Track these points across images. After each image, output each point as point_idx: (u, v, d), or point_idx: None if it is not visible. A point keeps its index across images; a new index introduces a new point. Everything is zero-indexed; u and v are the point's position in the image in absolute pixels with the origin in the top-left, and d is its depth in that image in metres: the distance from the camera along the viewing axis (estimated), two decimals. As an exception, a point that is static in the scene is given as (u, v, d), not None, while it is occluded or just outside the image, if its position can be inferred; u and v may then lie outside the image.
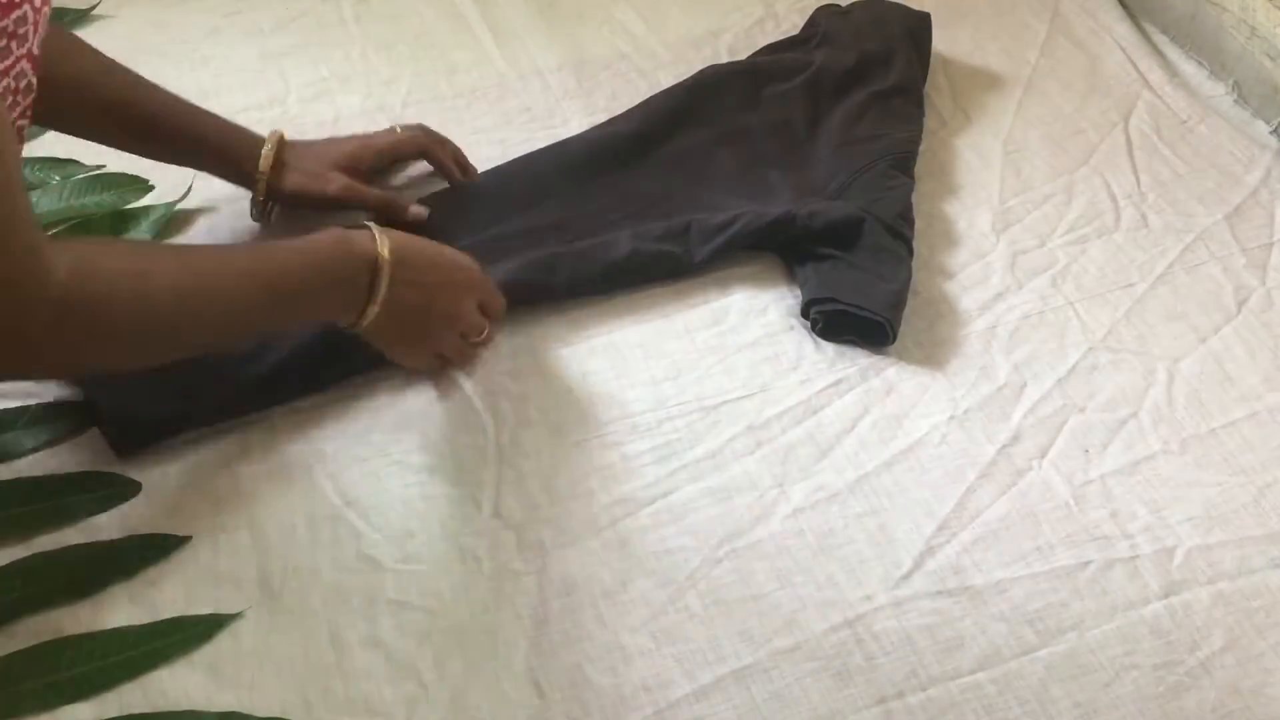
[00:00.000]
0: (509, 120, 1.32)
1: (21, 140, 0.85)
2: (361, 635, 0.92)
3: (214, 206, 1.23)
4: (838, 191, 1.21)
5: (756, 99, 1.31)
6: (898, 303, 1.11)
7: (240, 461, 1.02)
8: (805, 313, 1.12)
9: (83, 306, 0.81)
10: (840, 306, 1.09)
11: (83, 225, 1.19)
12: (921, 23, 1.38)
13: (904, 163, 1.25)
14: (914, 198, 1.22)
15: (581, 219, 1.20)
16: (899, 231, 1.17)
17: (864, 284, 1.11)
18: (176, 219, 1.21)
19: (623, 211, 1.20)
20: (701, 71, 1.34)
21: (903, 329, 1.11)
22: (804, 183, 1.23)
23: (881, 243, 1.15)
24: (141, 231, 1.19)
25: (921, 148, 1.29)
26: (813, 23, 1.41)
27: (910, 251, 1.16)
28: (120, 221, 1.20)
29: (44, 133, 1.29)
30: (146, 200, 1.22)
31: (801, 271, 1.15)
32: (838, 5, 1.42)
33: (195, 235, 1.20)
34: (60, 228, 1.19)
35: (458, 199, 1.22)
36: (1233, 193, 1.25)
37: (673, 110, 1.29)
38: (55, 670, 0.89)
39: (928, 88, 1.36)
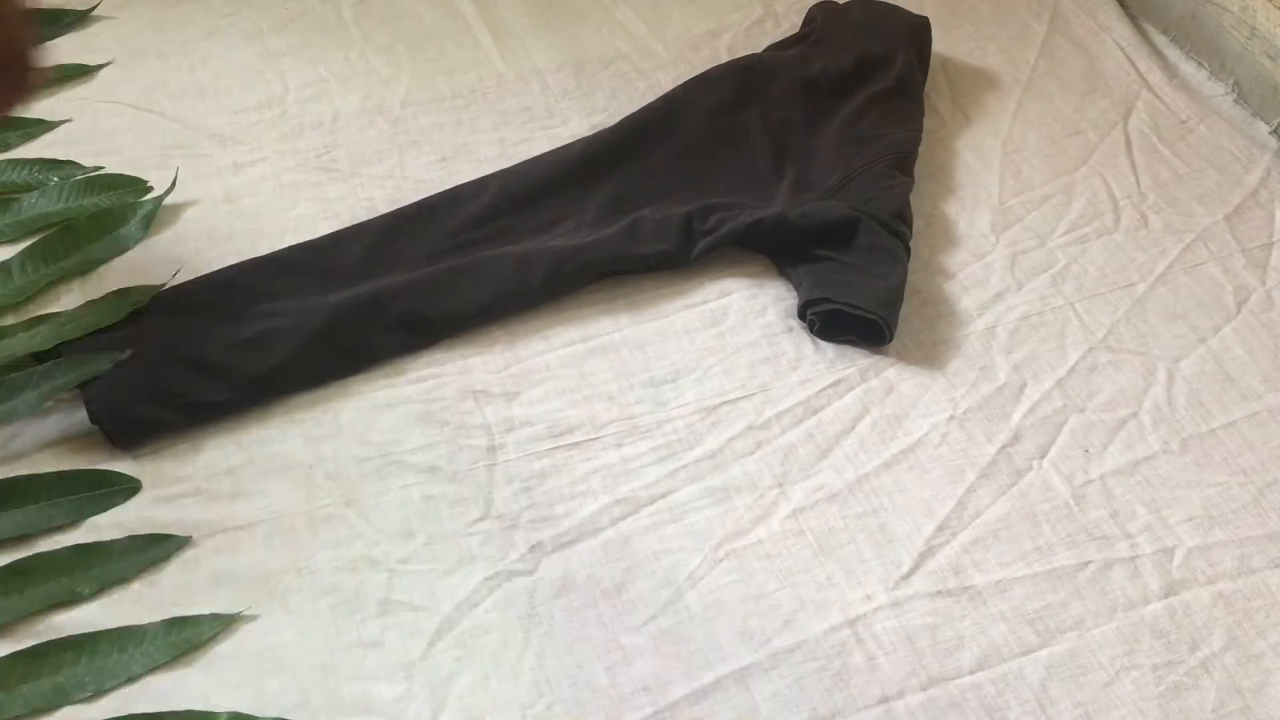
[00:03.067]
0: (508, 120, 1.32)
1: None
2: (361, 635, 0.92)
3: (198, 200, 1.23)
4: (835, 190, 1.21)
5: (756, 97, 1.31)
6: (892, 300, 1.11)
7: (240, 461, 1.02)
8: (802, 315, 1.12)
9: None
10: (834, 306, 1.09)
11: (72, 224, 1.19)
12: (921, 26, 1.38)
13: (903, 162, 1.24)
14: (913, 198, 1.22)
15: (580, 216, 1.20)
16: (896, 230, 1.17)
17: (858, 283, 1.11)
18: (165, 213, 1.21)
19: (620, 208, 1.20)
20: (704, 72, 1.34)
21: (902, 329, 1.11)
22: (801, 181, 1.23)
23: (876, 242, 1.15)
24: (131, 228, 1.19)
25: (921, 148, 1.29)
26: (810, 19, 1.41)
27: (907, 250, 1.16)
28: (108, 219, 1.20)
29: (43, 133, 1.30)
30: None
31: (795, 274, 1.15)
32: (835, 3, 1.42)
33: (184, 228, 1.20)
34: (53, 228, 1.19)
35: (460, 197, 1.22)
36: (1233, 193, 1.25)
37: (671, 109, 1.30)
38: (55, 670, 0.89)
39: (927, 88, 1.36)
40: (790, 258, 1.16)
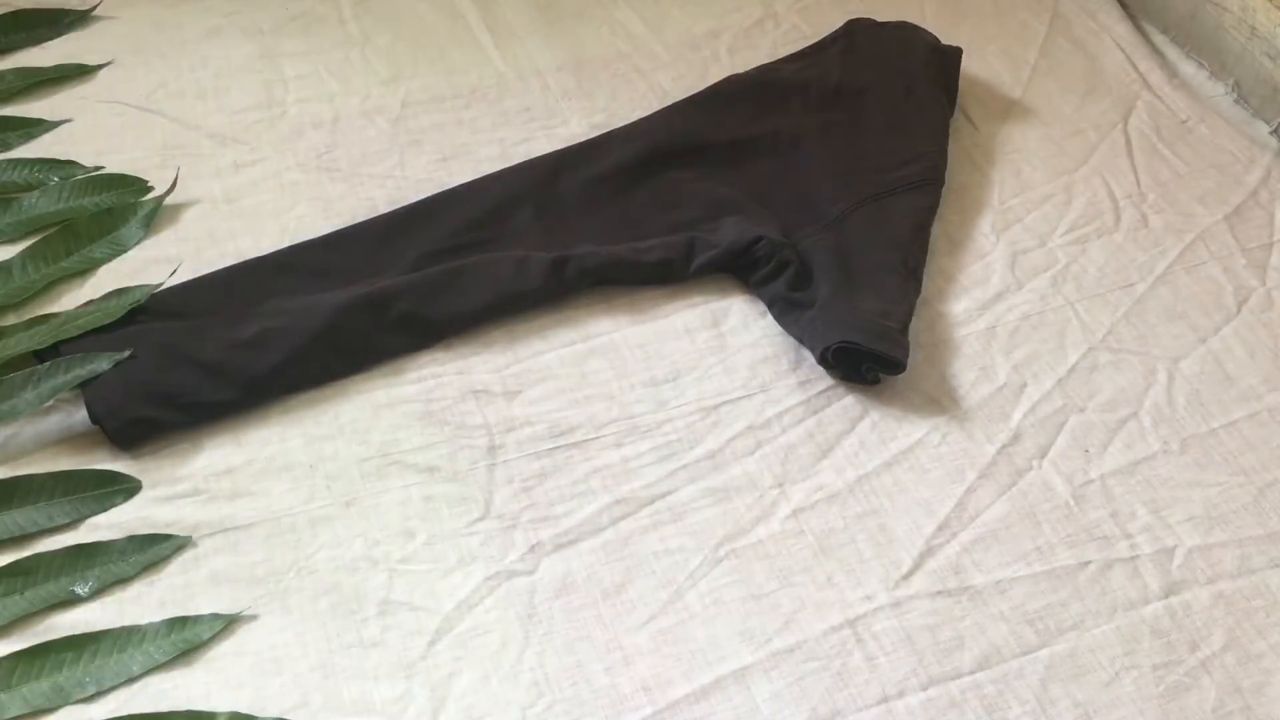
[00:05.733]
0: (508, 120, 1.32)
1: None
2: (361, 635, 0.92)
3: (198, 200, 1.23)
4: (841, 219, 1.19)
5: (770, 114, 1.29)
6: (885, 332, 1.08)
7: (240, 461, 1.02)
8: (824, 361, 1.08)
9: None
10: (844, 345, 1.06)
11: (72, 224, 1.19)
12: (951, 56, 1.35)
13: (921, 190, 1.21)
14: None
15: (583, 221, 1.20)
16: (889, 264, 1.14)
17: (855, 318, 1.08)
18: (165, 213, 1.21)
19: (624, 215, 1.20)
20: (718, 83, 1.33)
21: (903, 329, 1.11)
22: (807, 204, 1.21)
23: (876, 280, 1.13)
24: (131, 228, 1.19)
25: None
26: (845, 33, 1.38)
27: (913, 278, 1.14)
28: (108, 219, 1.20)
29: (43, 133, 1.30)
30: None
31: (795, 320, 1.12)
32: (872, 21, 1.39)
33: (184, 228, 1.21)
34: (53, 228, 1.19)
35: (460, 197, 1.22)
36: (1233, 193, 1.25)
37: (680, 121, 1.29)
38: (55, 670, 0.89)
39: (927, 88, 1.36)
40: (782, 295, 1.13)
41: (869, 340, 1.06)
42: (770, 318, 1.13)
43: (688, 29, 1.45)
